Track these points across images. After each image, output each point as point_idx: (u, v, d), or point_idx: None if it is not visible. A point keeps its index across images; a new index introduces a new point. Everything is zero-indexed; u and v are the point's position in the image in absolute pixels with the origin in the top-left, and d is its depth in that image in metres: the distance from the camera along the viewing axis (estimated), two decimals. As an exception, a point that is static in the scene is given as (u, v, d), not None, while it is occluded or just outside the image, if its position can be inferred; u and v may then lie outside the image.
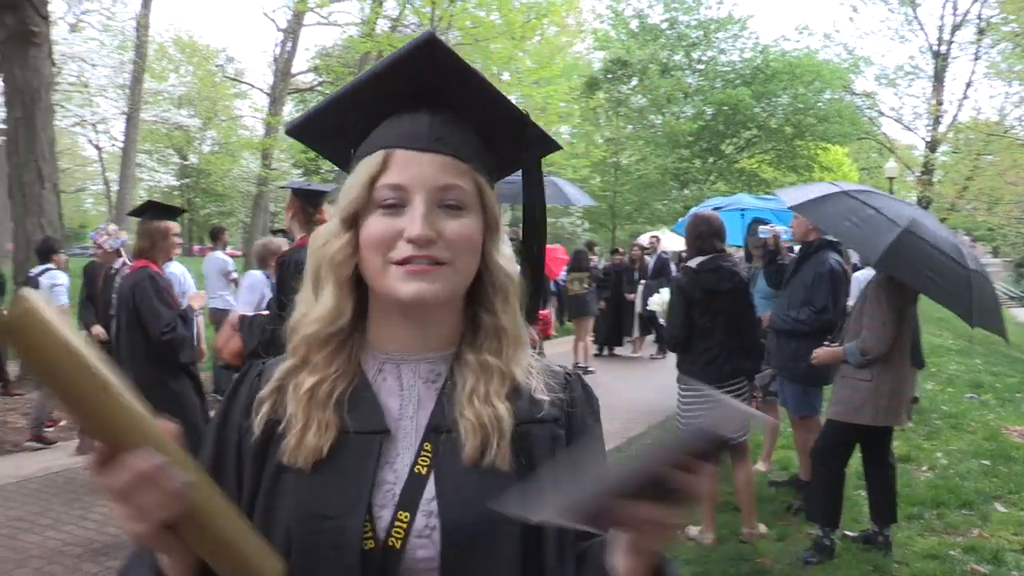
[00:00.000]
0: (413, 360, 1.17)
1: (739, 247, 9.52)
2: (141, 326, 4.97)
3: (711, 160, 33.31)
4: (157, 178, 34.40)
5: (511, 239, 1.24)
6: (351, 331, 1.16)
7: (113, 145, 32.62)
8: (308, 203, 4.87)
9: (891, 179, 26.70)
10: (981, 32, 30.76)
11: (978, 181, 16.65)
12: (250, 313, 5.16)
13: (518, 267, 1.20)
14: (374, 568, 1.03)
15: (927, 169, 28.30)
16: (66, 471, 6.96)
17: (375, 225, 1.09)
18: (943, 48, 32.43)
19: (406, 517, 1.05)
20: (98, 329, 7.22)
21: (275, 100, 31.06)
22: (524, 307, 1.21)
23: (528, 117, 1.20)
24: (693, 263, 5.16)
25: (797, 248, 6.22)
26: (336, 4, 32.09)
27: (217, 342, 5.20)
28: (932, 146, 30.19)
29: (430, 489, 1.07)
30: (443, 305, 1.14)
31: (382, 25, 23.26)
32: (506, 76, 21.71)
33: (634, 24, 34.24)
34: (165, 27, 43.87)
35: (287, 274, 4.44)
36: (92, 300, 7.48)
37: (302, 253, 5.07)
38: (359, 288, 1.15)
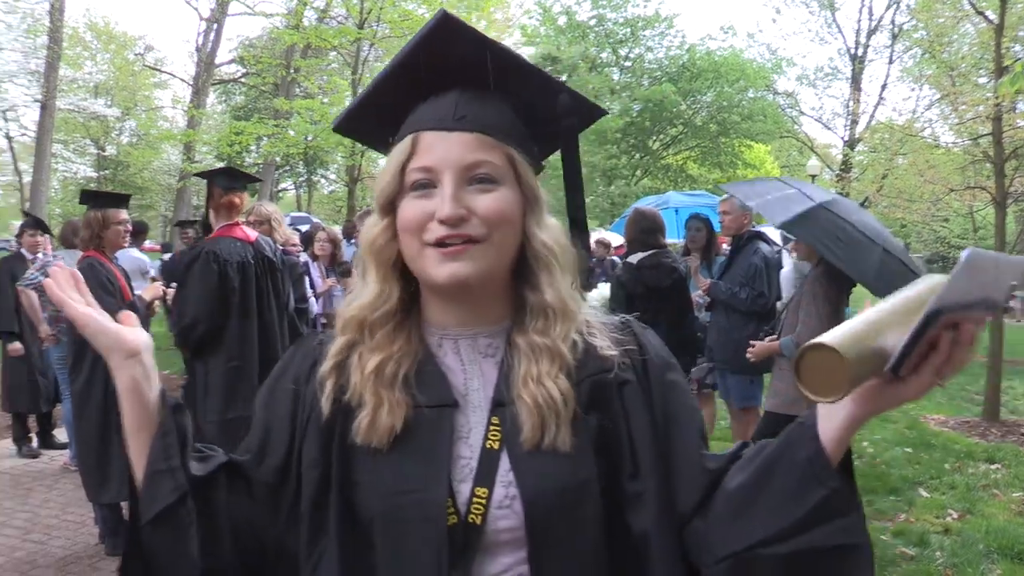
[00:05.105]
0: (469, 335, 1.19)
1: (679, 241, 9.66)
2: None
3: (638, 156, 33.75)
4: (74, 169, 33.12)
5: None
6: (407, 310, 1.18)
7: (23, 134, 31.21)
8: (217, 185, 4.77)
9: (813, 176, 27.47)
10: (895, 37, 31.88)
11: (896, 180, 17.29)
12: None
13: (565, 240, 1.19)
14: (458, 542, 1.06)
15: (846, 167, 29.17)
16: (-15, 475, 6.66)
17: (408, 208, 1.11)
18: (860, 51, 33.53)
19: (484, 493, 1.07)
20: (16, 346, 7.00)
21: (198, 91, 30.26)
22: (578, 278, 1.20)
23: (563, 84, 1.19)
24: (634, 259, 5.22)
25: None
26: (261, -7, 31.48)
27: None
28: (851, 144, 31.16)
29: (505, 462, 1.09)
30: (486, 283, 1.14)
31: (309, 16, 22.88)
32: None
33: (562, 20, 34.43)
34: (82, 12, 42.25)
35: (193, 264, 4.46)
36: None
37: (219, 244, 5.00)
38: (408, 271, 1.17)
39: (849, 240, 4.43)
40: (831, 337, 0.91)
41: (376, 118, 1.20)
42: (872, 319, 0.95)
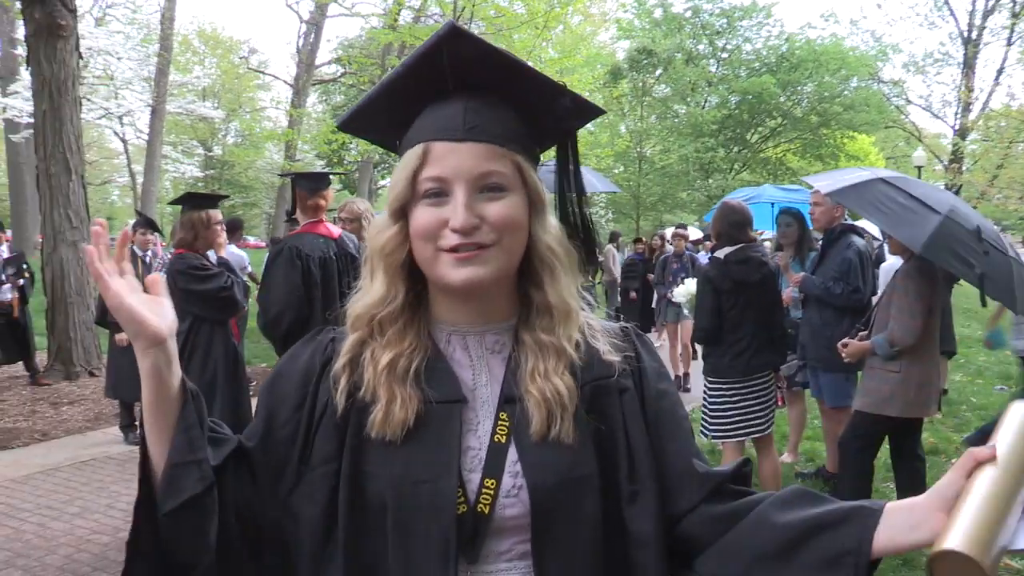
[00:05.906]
0: (477, 332, 1.25)
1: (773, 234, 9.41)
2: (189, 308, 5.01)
3: (735, 150, 33.08)
4: (182, 170, 34.68)
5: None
6: (414, 309, 1.24)
7: (138, 137, 32.88)
8: (301, 188, 4.93)
9: (919, 168, 26.32)
10: (1015, 16, 30.19)
11: (1010, 169, 16.40)
12: None
13: (566, 241, 1.24)
14: (467, 530, 1.12)
15: (956, 157, 27.85)
16: (94, 460, 7.03)
17: (422, 216, 1.16)
18: (974, 34, 31.91)
19: (492, 484, 1.14)
20: (122, 336, 7.28)
21: (298, 92, 31.21)
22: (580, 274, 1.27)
23: (564, 87, 1.21)
24: (722, 253, 5.09)
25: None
26: (359, -5, 32.17)
27: None
28: (962, 133, 29.72)
29: (512, 454, 1.16)
30: (495, 284, 1.19)
31: (405, 16, 23.27)
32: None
33: (657, 13, 34.03)
34: (189, 20, 44.14)
35: (277, 259, 4.64)
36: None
37: (302, 240, 5.13)
38: (416, 270, 1.21)
39: (900, 207, 4.38)
40: (966, 542, 0.90)
41: (384, 120, 1.25)
42: (994, 499, 0.94)
